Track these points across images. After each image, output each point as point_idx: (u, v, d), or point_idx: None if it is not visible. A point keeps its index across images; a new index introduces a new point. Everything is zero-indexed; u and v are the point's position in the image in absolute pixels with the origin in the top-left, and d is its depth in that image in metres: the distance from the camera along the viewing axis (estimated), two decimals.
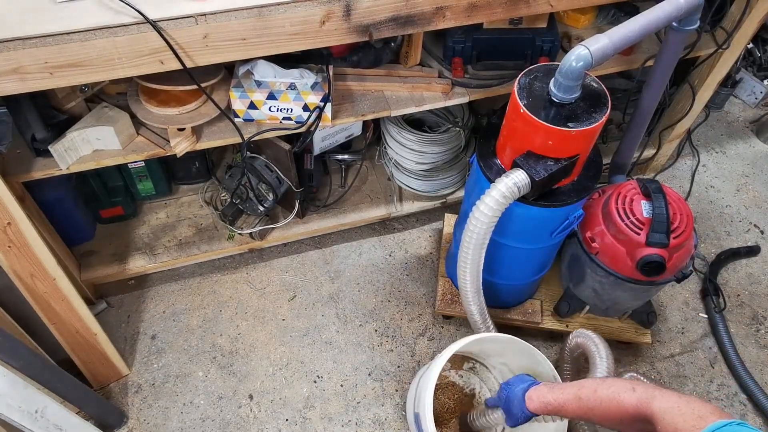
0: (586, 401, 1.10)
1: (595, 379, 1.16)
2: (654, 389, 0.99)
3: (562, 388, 1.18)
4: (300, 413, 1.80)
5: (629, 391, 1.02)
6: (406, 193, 2.17)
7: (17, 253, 1.36)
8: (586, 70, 1.23)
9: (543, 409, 1.21)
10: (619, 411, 1.02)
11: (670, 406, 0.93)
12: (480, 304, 1.64)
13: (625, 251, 1.52)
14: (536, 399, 1.21)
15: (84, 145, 1.49)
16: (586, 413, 1.10)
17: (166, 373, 1.85)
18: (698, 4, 1.37)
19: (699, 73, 2.06)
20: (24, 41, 1.10)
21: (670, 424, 0.91)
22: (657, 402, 0.95)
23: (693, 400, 0.92)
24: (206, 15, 1.18)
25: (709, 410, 0.88)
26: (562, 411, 1.17)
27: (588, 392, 1.10)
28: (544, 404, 1.20)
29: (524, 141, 1.34)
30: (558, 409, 1.17)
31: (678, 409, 0.91)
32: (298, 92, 1.54)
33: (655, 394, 0.97)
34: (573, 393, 1.13)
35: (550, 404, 1.18)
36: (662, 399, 0.95)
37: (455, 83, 1.74)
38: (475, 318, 1.67)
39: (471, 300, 1.61)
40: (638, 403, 0.99)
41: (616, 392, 1.04)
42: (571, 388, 1.15)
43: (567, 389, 1.16)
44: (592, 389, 1.10)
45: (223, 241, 1.99)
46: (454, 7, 1.36)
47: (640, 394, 1.00)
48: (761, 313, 2.09)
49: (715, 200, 2.43)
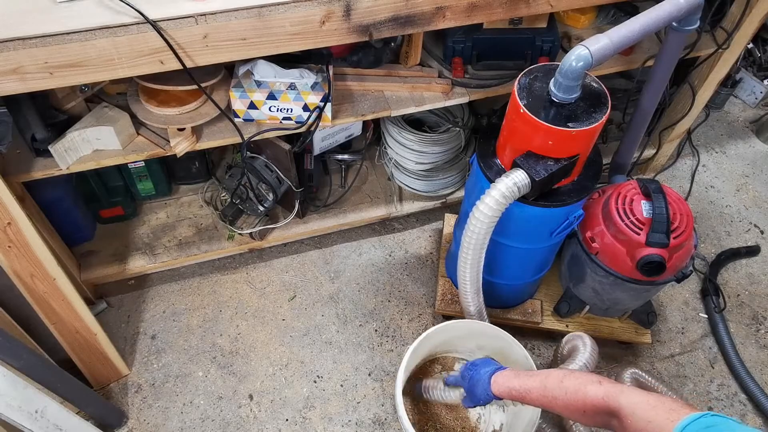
0: (551, 390, 1.11)
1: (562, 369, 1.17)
2: (621, 385, 1.01)
3: (529, 375, 1.19)
4: (300, 413, 1.80)
5: (595, 384, 1.03)
6: (406, 193, 2.17)
7: (17, 253, 1.36)
8: (586, 70, 1.24)
9: (507, 394, 1.22)
10: (583, 402, 1.04)
11: (641, 400, 0.94)
12: (479, 305, 1.64)
13: (625, 251, 1.52)
14: (501, 383, 1.23)
15: (84, 145, 1.49)
16: (550, 402, 1.12)
17: (166, 373, 1.85)
18: (698, 4, 1.37)
19: (699, 73, 2.06)
20: (24, 41, 1.10)
21: (642, 418, 0.91)
22: (625, 396, 0.97)
23: (662, 396, 0.94)
24: (206, 15, 1.18)
25: (679, 404, 0.89)
26: (525, 397, 1.18)
27: (554, 381, 1.11)
28: (509, 389, 1.21)
29: (524, 141, 1.35)
30: (522, 395, 1.18)
31: (648, 403, 0.93)
32: (298, 92, 1.54)
33: (623, 389, 0.99)
34: (539, 381, 1.15)
35: (515, 389, 1.20)
36: (631, 394, 0.97)
37: (455, 83, 1.74)
38: (473, 319, 1.67)
39: (470, 301, 1.61)
40: (605, 396, 1.00)
41: (582, 384, 1.05)
42: (537, 376, 1.17)
43: (533, 377, 1.18)
44: (558, 379, 1.11)
45: (223, 241, 2.00)
46: (454, 7, 1.36)
47: (607, 387, 1.01)
48: (761, 313, 2.09)
49: (715, 200, 2.43)
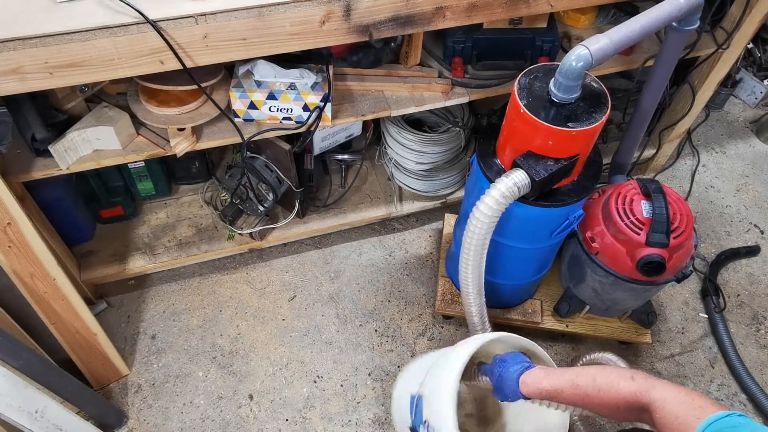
0: (584, 388, 1.09)
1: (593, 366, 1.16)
2: (654, 379, 1.01)
3: (558, 374, 1.16)
4: (300, 413, 1.80)
5: (628, 380, 1.03)
6: (406, 193, 2.17)
7: (17, 253, 1.36)
8: (586, 70, 1.23)
9: (537, 394, 1.19)
10: (617, 399, 1.03)
11: (671, 395, 0.95)
12: (480, 306, 1.64)
13: (625, 251, 1.52)
14: (531, 384, 1.19)
15: (84, 145, 1.49)
16: (583, 400, 1.10)
17: (166, 373, 1.85)
18: (698, 4, 1.37)
19: (699, 73, 2.06)
20: (24, 41, 1.10)
21: (671, 412, 0.92)
22: (657, 391, 0.97)
23: (692, 392, 0.94)
24: (206, 15, 1.18)
25: (708, 402, 0.90)
26: (557, 397, 1.16)
27: (586, 379, 1.10)
28: (539, 390, 1.18)
29: (524, 141, 1.34)
30: (553, 395, 1.16)
31: (677, 398, 0.93)
32: (298, 92, 1.54)
33: (655, 383, 0.99)
34: (570, 379, 1.13)
35: (545, 390, 1.17)
36: (662, 389, 0.97)
37: (455, 83, 1.74)
38: (474, 320, 1.67)
39: (472, 301, 1.61)
40: (637, 391, 1.00)
41: (615, 380, 1.05)
42: (567, 374, 1.14)
43: (563, 375, 1.15)
44: (590, 376, 1.10)
45: (223, 241, 1.99)
46: (454, 7, 1.36)
47: (639, 382, 1.01)
48: (761, 313, 2.09)
49: (715, 200, 2.43)
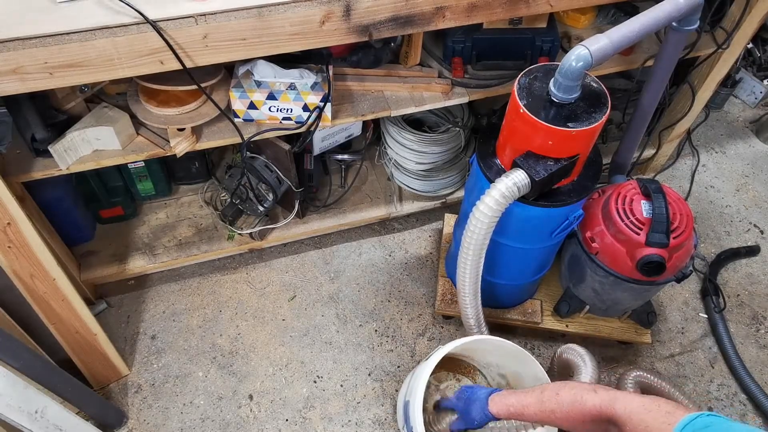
0: (548, 403, 1.12)
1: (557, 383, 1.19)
2: (616, 391, 1.02)
3: (526, 392, 1.20)
4: (300, 413, 1.80)
5: (591, 393, 1.04)
6: (406, 193, 2.17)
7: (17, 253, 1.36)
8: (586, 70, 1.23)
9: (505, 411, 1.23)
10: (581, 413, 1.04)
11: (637, 405, 0.95)
12: (476, 307, 1.63)
13: (625, 251, 1.52)
14: (498, 401, 1.24)
15: (84, 145, 1.49)
16: (548, 416, 1.12)
17: (166, 374, 1.85)
18: (698, 4, 1.37)
19: (699, 73, 2.06)
20: (24, 41, 1.10)
21: (639, 423, 0.92)
22: (620, 403, 0.98)
23: (657, 399, 0.94)
24: (206, 15, 1.18)
25: (674, 406, 0.90)
26: (524, 413, 1.19)
27: (550, 395, 1.12)
28: (506, 406, 1.22)
29: (524, 141, 1.34)
30: (520, 411, 1.19)
31: (644, 407, 0.93)
32: (298, 92, 1.54)
33: (617, 395, 1.00)
34: (535, 396, 1.16)
35: (512, 406, 1.21)
36: (625, 400, 0.98)
37: (455, 83, 1.74)
38: (470, 321, 1.67)
39: (468, 303, 1.60)
40: (601, 405, 1.01)
41: (578, 394, 1.06)
42: (533, 392, 1.18)
43: (529, 392, 1.19)
44: (553, 392, 1.12)
45: (223, 241, 1.99)
46: (454, 7, 1.36)
47: (602, 395, 1.02)
48: (761, 313, 2.09)
49: (715, 200, 2.43)
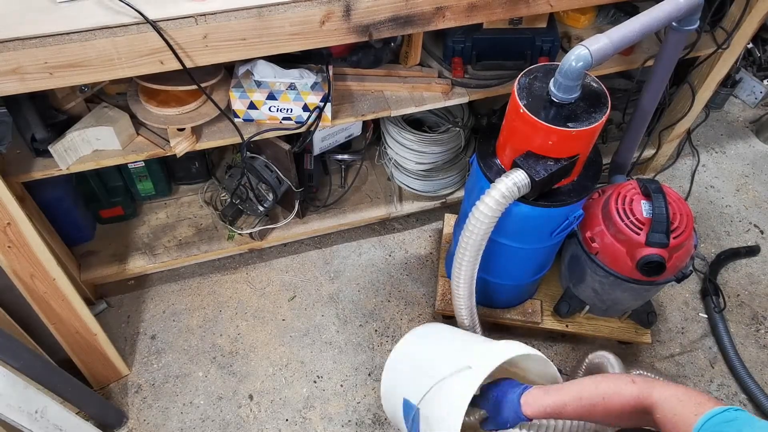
0: (588, 399, 1.11)
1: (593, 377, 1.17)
2: (653, 380, 1.05)
3: (560, 389, 1.18)
4: (300, 413, 1.80)
5: (629, 384, 1.07)
6: (406, 193, 2.17)
7: (17, 253, 1.36)
8: (586, 70, 1.23)
9: (542, 413, 1.20)
10: (621, 404, 1.06)
11: (670, 394, 0.99)
12: (471, 307, 1.62)
13: (625, 251, 1.52)
14: (533, 403, 1.20)
15: (84, 146, 1.49)
16: (589, 411, 1.12)
17: (166, 373, 1.85)
18: (698, 4, 1.37)
19: (699, 73, 2.06)
20: (24, 41, 1.10)
21: (670, 410, 0.97)
22: (657, 391, 1.02)
23: (691, 390, 0.98)
24: (206, 15, 1.18)
25: (706, 398, 0.95)
26: (562, 413, 1.16)
27: (590, 390, 1.12)
28: (543, 407, 1.18)
29: (524, 141, 1.34)
30: (558, 411, 1.17)
31: (677, 397, 0.98)
32: (298, 92, 1.54)
33: (655, 384, 1.04)
34: (573, 393, 1.14)
35: (549, 406, 1.18)
36: (662, 388, 1.02)
37: (455, 83, 1.74)
38: (465, 321, 1.65)
39: (463, 304, 1.59)
40: (639, 394, 1.04)
41: (617, 386, 1.08)
42: (570, 388, 1.15)
43: (565, 389, 1.16)
44: (593, 386, 1.12)
45: (223, 241, 1.99)
46: (454, 7, 1.36)
47: (640, 385, 1.05)
48: (761, 313, 2.09)
49: (715, 200, 2.42)
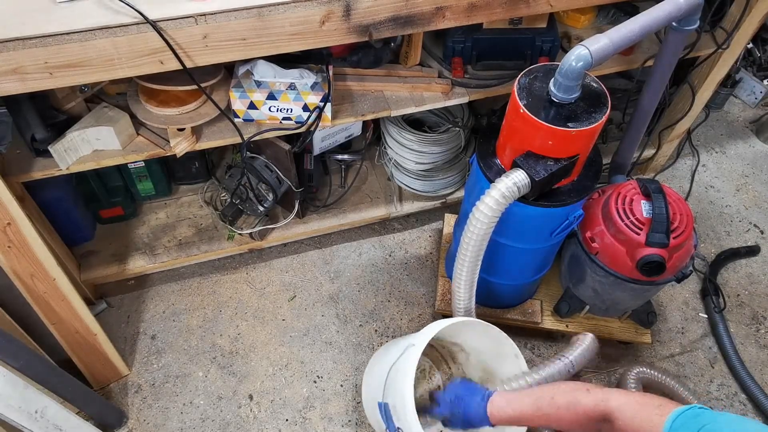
0: (546, 409, 1.14)
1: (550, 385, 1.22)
2: (608, 389, 1.05)
3: (520, 399, 1.22)
4: (300, 413, 1.80)
5: (585, 393, 1.08)
6: (406, 193, 2.17)
7: (17, 253, 1.36)
8: (586, 70, 1.23)
9: (506, 421, 1.25)
10: (577, 414, 1.07)
11: (628, 400, 0.99)
12: (470, 309, 1.62)
13: (625, 251, 1.52)
14: (497, 414, 1.24)
15: (84, 146, 1.49)
16: (547, 420, 1.15)
17: (166, 373, 1.85)
18: (698, 4, 1.37)
19: (699, 73, 2.06)
20: (24, 41, 1.10)
21: (631, 417, 0.96)
22: (615, 398, 1.01)
23: (647, 394, 0.98)
24: (206, 15, 1.18)
25: (665, 400, 0.94)
26: (522, 421, 1.22)
27: (546, 401, 1.15)
28: (507, 417, 1.24)
29: (524, 141, 1.34)
30: (519, 419, 1.22)
31: (636, 401, 0.97)
32: (298, 92, 1.54)
33: (611, 392, 1.04)
34: (531, 403, 1.18)
35: (512, 417, 1.23)
36: (618, 396, 1.02)
37: (455, 83, 1.74)
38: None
39: (462, 306, 1.59)
40: (595, 403, 1.04)
41: (573, 397, 1.09)
42: (528, 398, 1.20)
43: (525, 400, 1.21)
44: (549, 397, 1.15)
45: (223, 241, 1.99)
46: (454, 7, 1.36)
47: (596, 394, 1.06)
48: (761, 313, 2.09)
49: (715, 200, 2.42)
